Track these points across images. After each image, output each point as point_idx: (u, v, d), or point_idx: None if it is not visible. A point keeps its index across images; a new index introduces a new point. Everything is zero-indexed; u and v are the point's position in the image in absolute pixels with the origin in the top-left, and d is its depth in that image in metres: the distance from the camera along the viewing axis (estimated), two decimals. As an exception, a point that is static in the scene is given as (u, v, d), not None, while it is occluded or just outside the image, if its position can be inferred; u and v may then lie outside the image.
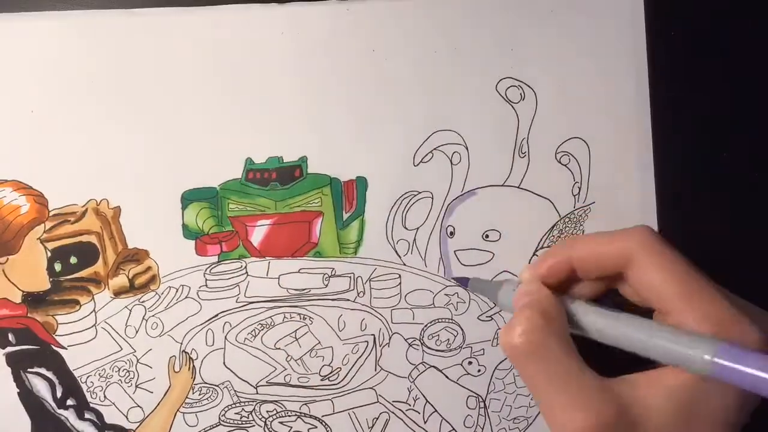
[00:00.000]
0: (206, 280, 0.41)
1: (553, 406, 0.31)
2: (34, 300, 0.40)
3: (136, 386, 0.41)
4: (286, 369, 0.42)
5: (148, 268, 0.41)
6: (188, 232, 0.41)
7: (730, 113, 0.44)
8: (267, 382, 0.42)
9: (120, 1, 0.41)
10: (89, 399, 0.41)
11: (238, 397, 0.42)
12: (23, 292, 0.40)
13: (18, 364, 0.40)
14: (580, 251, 0.34)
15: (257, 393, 0.42)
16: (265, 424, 0.42)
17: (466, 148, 0.42)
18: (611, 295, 0.35)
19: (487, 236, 0.42)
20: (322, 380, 0.42)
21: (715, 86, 0.44)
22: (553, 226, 0.43)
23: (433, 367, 0.42)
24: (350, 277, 0.42)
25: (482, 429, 0.42)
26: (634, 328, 0.31)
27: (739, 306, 0.30)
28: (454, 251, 0.42)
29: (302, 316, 0.42)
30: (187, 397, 0.41)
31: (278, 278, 0.42)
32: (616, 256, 0.32)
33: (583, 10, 0.42)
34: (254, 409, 0.42)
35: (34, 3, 0.41)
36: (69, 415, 0.41)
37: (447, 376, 0.42)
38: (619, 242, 0.32)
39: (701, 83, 0.44)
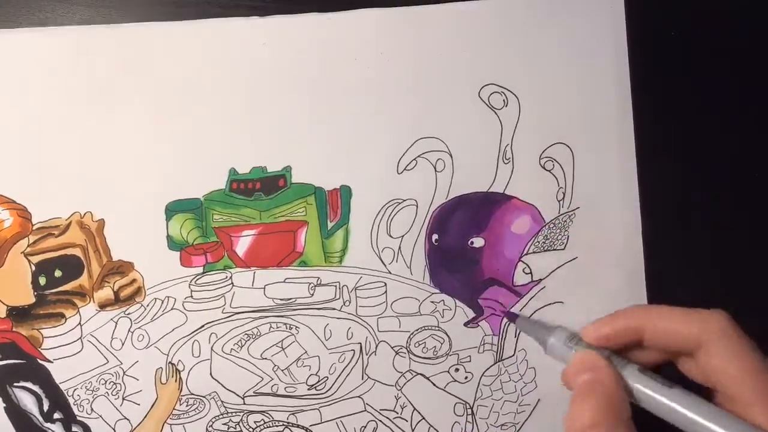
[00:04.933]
0: (191, 291, 0.41)
1: None
2: (18, 314, 0.40)
3: (123, 398, 0.41)
4: (273, 379, 0.42)
5: (133, 281, 0.41)
6: (173, 243, 0.41)
7: (711, 117, 0.44)
8: (254, 392, 0.42)
9: (104, 17, 0.41)
10: (76, 412, 0.41)
11: (225, 407, 0.42)
12: (8, 306, 0.40)
13: (4, 379, 0.40)
14: (654, 324, 0.33)
15: (244, 403, 0.42)
16: (253, 434, 0.42)
17: (450, 155, 0.42)
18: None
19: (471, 243, 0.42)
20: (309, 390, 0.42)
21: (696, 90, 0.44)
22: (538, 232, 0.43)
23: (420, 374, 0.42)
24: (336, 286, 0.42)
25: (470, 436, 0.42)
26: (703, 415, 0.31)
27: None
28: (439, 259, 0.42)
29: (288, 325, 0.42)
30: (174, 409, 0.41)
31: (264, 288, 0.42)
32: (692, 338, 0.32)
33: (565, 16, 0.42)
34: (241, 419, 0.42)
35: (16, 18, 0.41)
36: (56, 429, 0.41)
37: (434, 384, 0.42)
38: (697, 324, 0.32)
39: (683, 88, 0.44)
